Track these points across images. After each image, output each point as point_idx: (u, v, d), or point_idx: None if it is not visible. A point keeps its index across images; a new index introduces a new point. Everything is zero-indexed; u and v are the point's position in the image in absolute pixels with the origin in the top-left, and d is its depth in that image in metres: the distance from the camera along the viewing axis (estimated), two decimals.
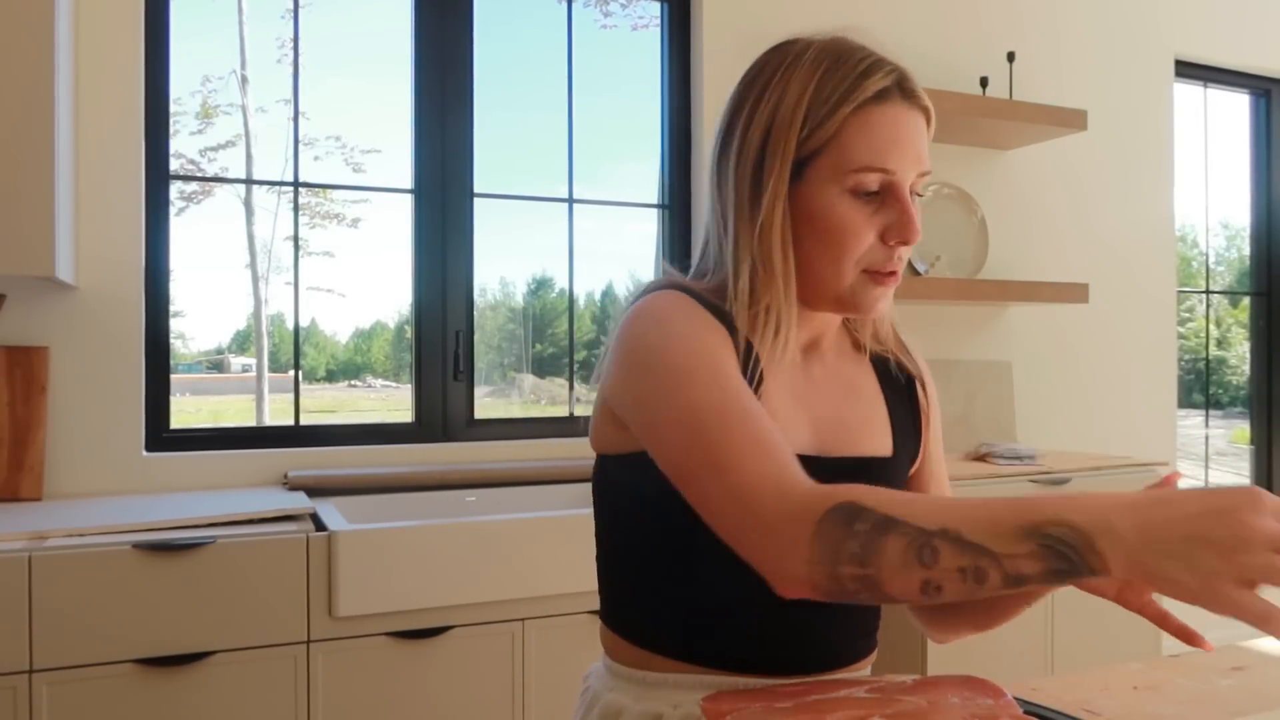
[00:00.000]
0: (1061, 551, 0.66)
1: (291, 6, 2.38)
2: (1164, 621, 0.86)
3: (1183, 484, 0.85)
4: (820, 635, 0.95)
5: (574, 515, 1.94)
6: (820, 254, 0.91)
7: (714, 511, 0.79)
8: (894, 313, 1.03)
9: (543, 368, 2.76)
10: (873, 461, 0.98)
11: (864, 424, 1.00)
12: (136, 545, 1.64)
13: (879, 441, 1.00)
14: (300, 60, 2.39)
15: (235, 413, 2.49)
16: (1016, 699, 0.86)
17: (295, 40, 2.38)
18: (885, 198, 0.90)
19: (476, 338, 2.55)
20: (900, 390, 1.05)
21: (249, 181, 2.40)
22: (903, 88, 0.90)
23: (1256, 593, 0.62)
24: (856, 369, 1.03)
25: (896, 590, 0.70)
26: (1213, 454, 3.76)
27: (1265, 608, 0.62)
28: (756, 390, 0.91)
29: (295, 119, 2.39)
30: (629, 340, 0.89)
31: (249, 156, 2.40)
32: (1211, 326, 3.85)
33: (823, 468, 0.93)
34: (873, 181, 0.89)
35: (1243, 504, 0.63)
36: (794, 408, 0.95)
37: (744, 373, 0.89)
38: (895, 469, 1.01)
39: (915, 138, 0.90)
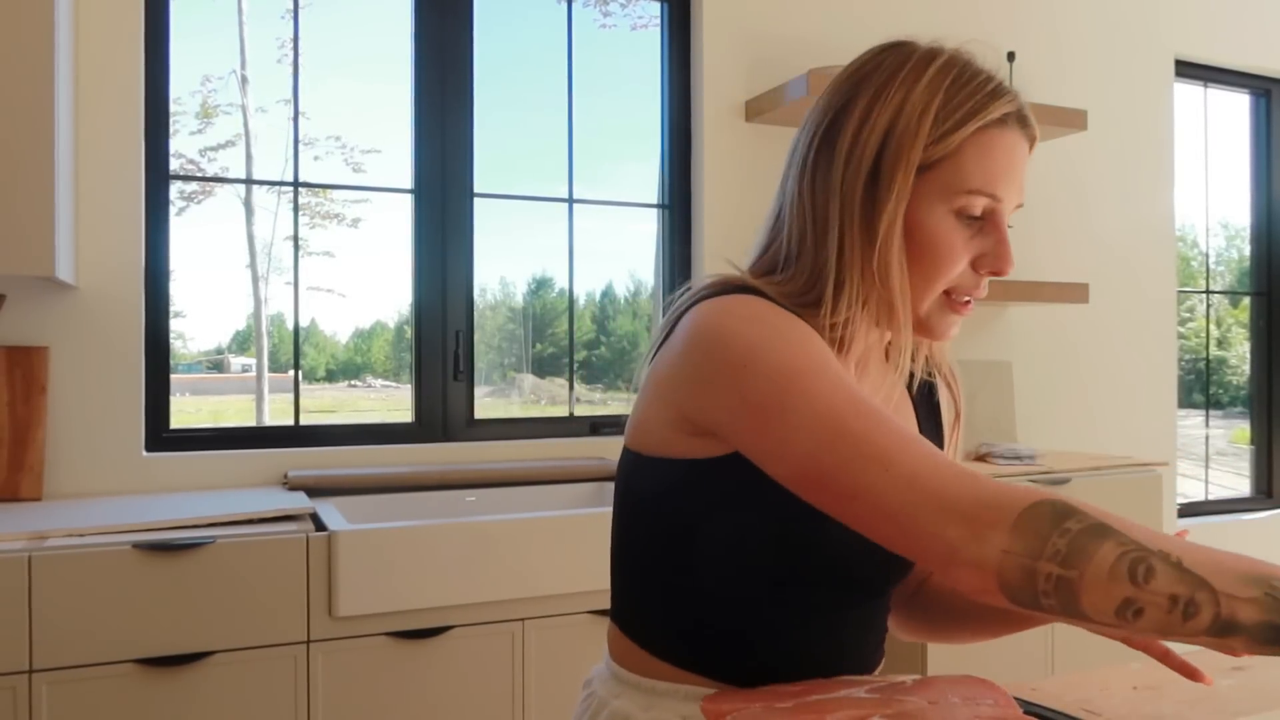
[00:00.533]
0: None
1: (291, 7, 2.38)
2: (1167, 658, 0.85)
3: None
4: (831, 651, 0.93)
5: (574, 515, 1.94)
6: (912, 270, 0.88)
7: (876, 503, 0.74)
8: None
9: (543, 368, 2.76)
10: None
11: None
12: (136, 545, 1.64)
13: None
14: (300, 60, 2.39)
15: (235, 413, 2.49)
16: (1017, 699, 0.86)
17: (295, 40, 2.38)
18: (985, 224, 0.88)
19: (476, 338, 2.55)
20: (927, 410, 1.04)
21: (249, 181, 2.40)
22: (1020, 116, 0.89)
23: None
24: (896, 388, 1.01)
25: (1091, 602, 0.66)
26: (1213, 454, 3.76)
27: None
28: None
29: (295, 119, 2.39)
30: (723, 341, 0.83)
31: (249, 156, 2.40)
32: (1212, 326, 3.85)
33: None
34: (978, 206, 0.87)
35: None
36: None
37: None
38: None
39: (1022, 168, 0.89)
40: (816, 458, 0.77)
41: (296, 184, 2.40)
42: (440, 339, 2.48)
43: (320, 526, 1.81)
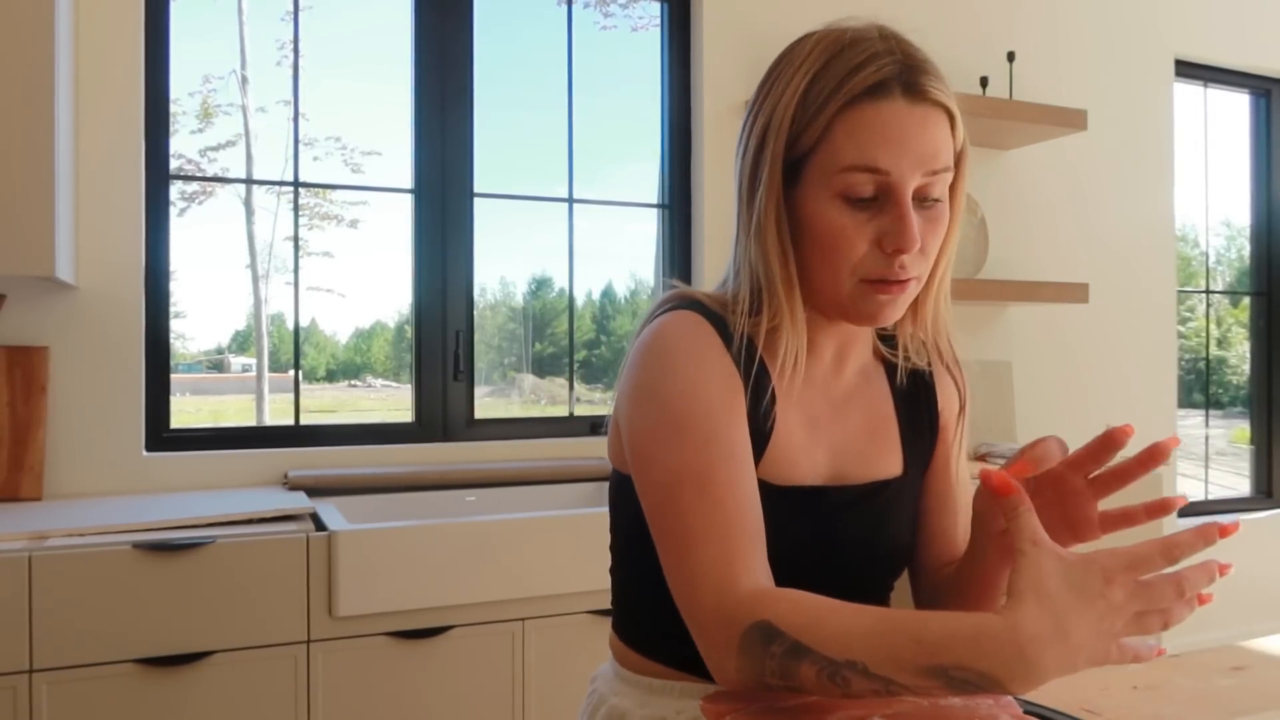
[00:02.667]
0: (969, 686, 0.68)
1: (291, 9, 2.38)
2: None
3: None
4: None
5: (574, 515, 1.94)
6: (816, 262, 0.86)
7: (670, 583, 0.82)
8: (950, 322, 0.96)
9: (543, 367, 2.76)
10: (884, 485, 0.96)
11: (877, 444, 0.97)
12: (136, 545, 1.64)
13: (890, 462, 0.98)
14: (300, 62, 2.39)
15: (235, 413, 2.49)
16: (1016, 699, 0.86)
17: (295, 42, 2.38)
18: (883, 202, 0.83)
19: (476, 338, 2.55)
20: (914, 398, 1.01)
21: (249, 181, 2.40)
22: (906, 82, 0.82)
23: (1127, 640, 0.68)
24: (874, 381, 1.00)
25: (821, 695, 0.73)
26: (1213, 454, 3.76)
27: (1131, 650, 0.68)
28: (769, 418, 0.88)
29: (295, 120, 2.39)
30: (637, 370, 0.88)
31: (249, 156, 2.40)
32: (1212, 326, 3.85)
33: (837, 497, 0.92)
34: (864, 184, 0.82)
35: (1096, 578, 0.67)
36: (809, 436, 0.92)
37: (757, 403, 0.87)
38: (905, 488, 0.99)
39: (916, 135, 0.82)
40: (651, 520, 0.84)
41: (296, 184, 2.40)
42: (440, 339, 2.48)
43: (320, 526, 1.81)
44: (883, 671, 0.69)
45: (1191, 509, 3.55)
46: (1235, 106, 3.74)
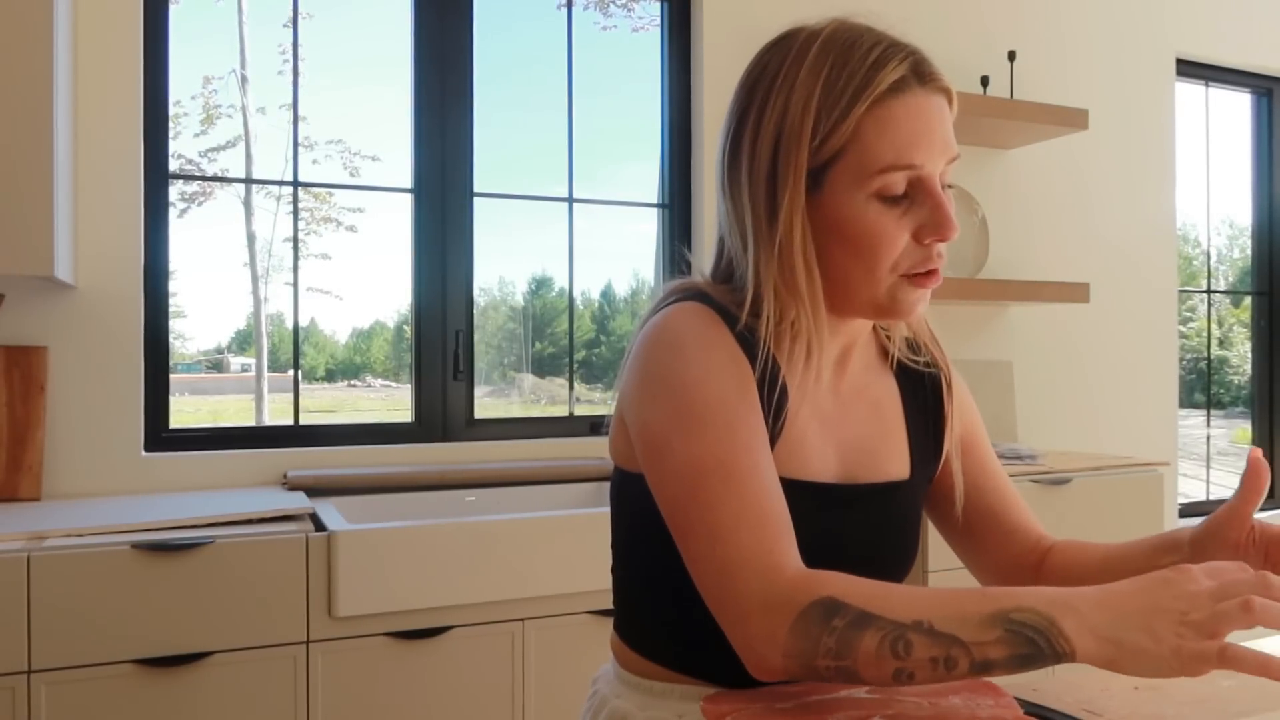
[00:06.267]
0: (1028, 636, 0.68)
1: (291, 16, 2.37)
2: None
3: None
4: None
5: (574, 515, 1.94)
6: (852, 264, 0.86)
7: (698, 575, 0.80)
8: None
9: (543, 367, 2.76)
10: (893, 486, 0.96)
11: (885, 446, 0.97)
12: (135, 545, 1.64)
13: (898, 464, 0.97)
14: (300, 67, 2.39)
15: (234, 413, 2.49)
16: (1017, 699, 0.86)
17: (295, 48, 2.38)
18: (915, 195, 0.84)
19: (476, 337, 2.55)
20: (922, 400, 1.01)
21: (248, 181, 2.40)
22: (919, 72, 0.84)
23: (1224, 641, 0.65)
24: (880, 382, 0.99)
25: (869, 677, 0.72)
26: (1214, 454, 3.76)
27: (1238, 652, 0.65)
28: (782, 416, 0.87)
29: (295, 123, 2.39)
30: (645, 362, 0.86)
31: (249, 157, 2.40)
32: (1213, 326, 3.84)
33: (846, 495, 0.92)
34: (899, 182, 0.83)
35: (1174, 575, 0.69)
36: (821, 433, 0.92)
37: (769, 399, 0.86)
38: (912, 491, 0.98)
39: (939, 124, 0.84)
40: (671, 512, 0.82)
41: (296, 184, 2.39)
42: (440, 339, 2.48)
43: (320, 526, 1.81)
44: (948, 628, 0.69)
45: (1193, 509, 3.55)
46: (1237, 106, 3.74)
